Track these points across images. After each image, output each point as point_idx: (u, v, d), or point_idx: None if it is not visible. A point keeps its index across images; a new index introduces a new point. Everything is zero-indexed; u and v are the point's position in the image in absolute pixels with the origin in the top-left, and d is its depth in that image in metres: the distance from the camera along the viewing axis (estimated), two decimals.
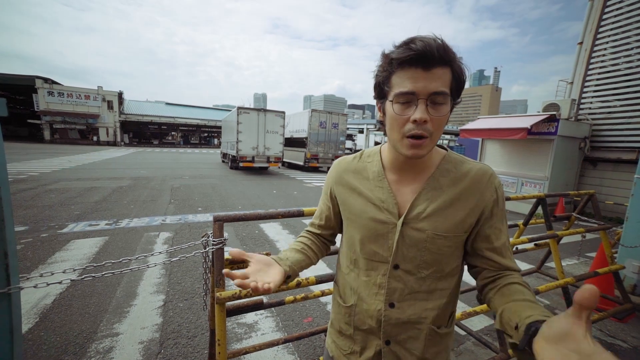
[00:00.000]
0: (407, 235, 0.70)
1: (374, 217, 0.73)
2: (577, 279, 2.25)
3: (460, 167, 0.72)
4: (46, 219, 4.89)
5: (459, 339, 2.29)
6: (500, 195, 0.71)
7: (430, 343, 0.73)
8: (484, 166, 0.73)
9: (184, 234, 4.54)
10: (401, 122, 0.63)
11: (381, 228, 0.72)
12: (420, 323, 0.71)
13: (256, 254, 0.70)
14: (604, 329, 2.53)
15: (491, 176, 0.71)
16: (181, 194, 7.60)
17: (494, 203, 0.70)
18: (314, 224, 0.90)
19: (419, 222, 0.69)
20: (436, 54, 0.58)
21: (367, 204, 0.74)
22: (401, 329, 0.72)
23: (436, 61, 0.59)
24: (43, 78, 28.13)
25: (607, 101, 7.10)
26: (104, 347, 2.06)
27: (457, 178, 0.71)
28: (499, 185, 0.72)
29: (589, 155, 7.34)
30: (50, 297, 2.64)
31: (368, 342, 0.75)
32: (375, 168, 0.77)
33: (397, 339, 0.72)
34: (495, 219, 0.71)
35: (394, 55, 0.61)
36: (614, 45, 6.89)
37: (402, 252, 0.70)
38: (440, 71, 0.60)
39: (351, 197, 0.78)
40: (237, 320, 2.46)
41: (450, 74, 0.62)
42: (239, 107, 12.40)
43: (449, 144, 25.44)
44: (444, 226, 0.69)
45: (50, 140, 29.18)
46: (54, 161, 13.54)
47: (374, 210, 0.73)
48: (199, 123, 39.52)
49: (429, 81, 0.59)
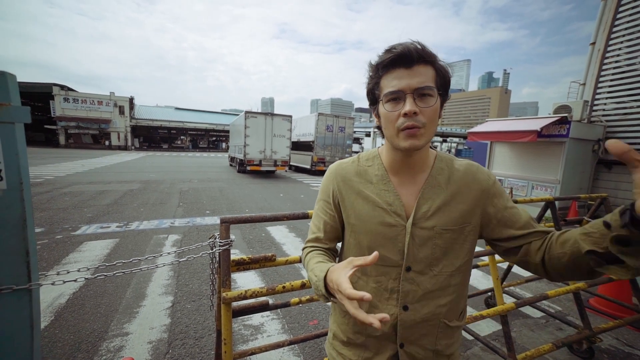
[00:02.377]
0: (416, 235, 0.71)
1: (382, 221, 0.72)
2: (589, 284, 2.19)
3: (452, 165, 0.76)
4: (61, 221, 5.05)
5: (467, 344, 2.25)
6: (494, 178, 0.76)
7: (442, 336, 0.75)
8: (470, 161, 0.79)
9: (192, 237, 4.62)
10: (393, 119, 0.67)
11: (390, 232, 0.72)
12: (433, 320, 0.73)
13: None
14: (621, 337, 2.45)
15: (479, 167, 0.77)
16: (189, 197, 7.73)
17: (493, 184, 0.74)
18: (319, 239, 0.80)
19: (426, 220, 0.71)
20: (414, 54, 0.64)
21: (375, 209, 0.74)
22: (415, 329, 0.73)
23: (416, 60, 0.64)
24: (60, 85, 29.18)
25: (623, 102, 6.92)
26: (114, 346, 2.11)
27: (451, 175, 0.74)
28: (490, 172, 0.77)
29: (603, 157, 7.14)
30: (65, 296, 2.72)
31: (382, 348, 0.75)
32: (378, 171, 0.77)
33: (411, 339, 0.73)
34: (504, 200, 0.73)
35: (379, 61, 0.67)
36: (630, 45, 6.73)
37: (413, 253, 0.71)
38: (421, 68, 0.65)
39: (357, 202, 0.76)
40: (244, 322, 2.48)
41: (433, 71, 0.66)
42: (246, 112, 12.58)
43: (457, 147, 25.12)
44: (449, 220, 0.71)
45: (65, 145, 30.14)
46: (68, 165, 13.97)
47: (383, 214, 0.73)
48: (207, 127, 40.17)
49: (413, 77, 0.64)
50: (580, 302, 2.14)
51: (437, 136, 47.73)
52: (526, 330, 2.53)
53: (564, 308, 2.92)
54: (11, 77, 0.97)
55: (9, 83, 0.95)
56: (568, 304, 2.99)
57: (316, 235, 0.81)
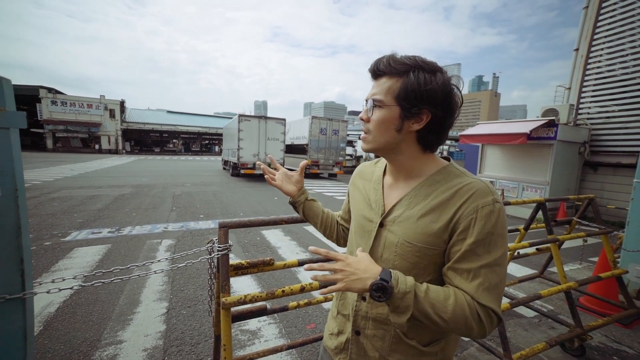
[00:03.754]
0: (382, 236, 0.74)
1: (364, 214, 0.81)
2: (579, 284, 2.25)
3: (451, 180, 0.69)
4: (49, 227, 4.91)
5: (463, 345, 2.28)
6: (484, 215, 0.61)
7: (396, 348, 0.72)
8: (477, 182, 0.65)
9: (186, 241, 4.55)
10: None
11: (367, 225, 0.79)
12: (386, 324, 0.73)
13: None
14: (609, 334, 2.52)
15: (477, 191, 0.63)
16: (183, 202, 7.63)
17: (472, 220, 0.62)
18: (340, 215, 1.05)
19: (394, 225, 0.73)
20: (381, 67, 0.69)
21: (362, 202, 0.84)
22: (369, 324, 0.75)
23: (381, 72, 0.70)
24: (47, 88, 28.54)
25: (605, 106, 7.17)
26: (107, 355, 2.06)
27: (442, 190, 0.68)
28: (491, 204, 0.62)
29: (589, 159, 7.36)
30: (54, 305, 2.64)
31: (345, 328, 0.82)
32: (379, 172, 0.85)
33: (365, 332, 0.76)
34: (471, 240, 0.61)
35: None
36: (610, 52, 7.00)
37: (377, 251, 0.75)
38: (384, 81, 0.69)
39: (355, 194, 0.89)
40: (241, 327, 2.46)
41: (399, 84, 0.67)
42: (240, 115, 12.54)
43: (449, 150, 25.44)
44: (414, 234, 0.68)
45: (53, 148, 29.41)
46: (57, 170, 13.63)
47: (366, 208, 0.81)
48: (199, 131, 39.83)
49: (374, 88, 0.72)
50: (571, 300, 2.19)
51: None
52: (520, 330, 2.57)
53: (556, 307, 2.98)
54: (6, 82, 0.96)
55: (4, 88, 0.94)
56: (559, 302, 3.06)
57: (340, 213, 1.06)
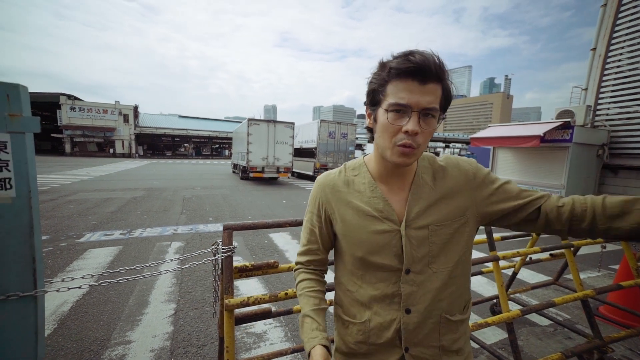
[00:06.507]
0: (412, 237, 0.71)
1: (375, 230, 0.72)
2: (597, 292, 2.14)
3: (435, 162, 0.78)
4: (65, 229, 5.09)
5: (473, 353, 2.21)
6: (477, 164, 0.78)
7: (446, 331, 0.73)
8: (449, 155, 0.81)
9: (195, 244, 4.62)
10: (393, 131, 0.65)
11: (383, 238, 0.72)
12: (434, 317, 0.72)
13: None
14: (634, 347, 2.39)
15: (459, 158, 0.79)
16: (193, 205, 7.76)
17: (477, 170, 0.76)
18: (311, 250, 0.83)
19: (420, 220, 0.71)
20: (433, 70, 0.61)
21: (365, 218, 0.73)
22: (419, 330, 0.72)
23: (431, 77, 0.61)
24: (67, 95, 29.80)
25: (626, 107, 6.90)
26: (117, 355, 2.10)
27: (436, 171, 0.76)
28: (471, 160, 0.78)
29: (608, 162, 7.08)
30: (68, 304, 2.72)
31: (386, 355, 0.74)
32: (365, 180, 0.77)
33: (415, 341, 0.72)
34: (493, 179, 0.75)
35: (393, 64, 0.62)
36: (631, 50, 6.74)
37: (411, 255, 0.71)
38: (433, 87, 0.62)
39: (347, 213, 0.76)
40: (247, 330, 2.46)
41: (441, 91, 0.64)
42: (249, 119, 12.72)
43: (460, 153, 25.05)
44: (442, 216, 0.72)
45: (71, 153, 30.59)
46: (74, 173, 14.15)
47: (374, 222, 0.72)
48: (210, 135, 40.60)
49: (423, 95, 0.62)
50: (589, 310, 2.09)
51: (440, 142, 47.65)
52: (534, 338, 2.47)
53: (573, 316, 2.85)
54: (23, 89, 1.01)
55: (21, 95, 0.98)
56: (577, 311, 2.93)
57: (307, 247, 0.84)
